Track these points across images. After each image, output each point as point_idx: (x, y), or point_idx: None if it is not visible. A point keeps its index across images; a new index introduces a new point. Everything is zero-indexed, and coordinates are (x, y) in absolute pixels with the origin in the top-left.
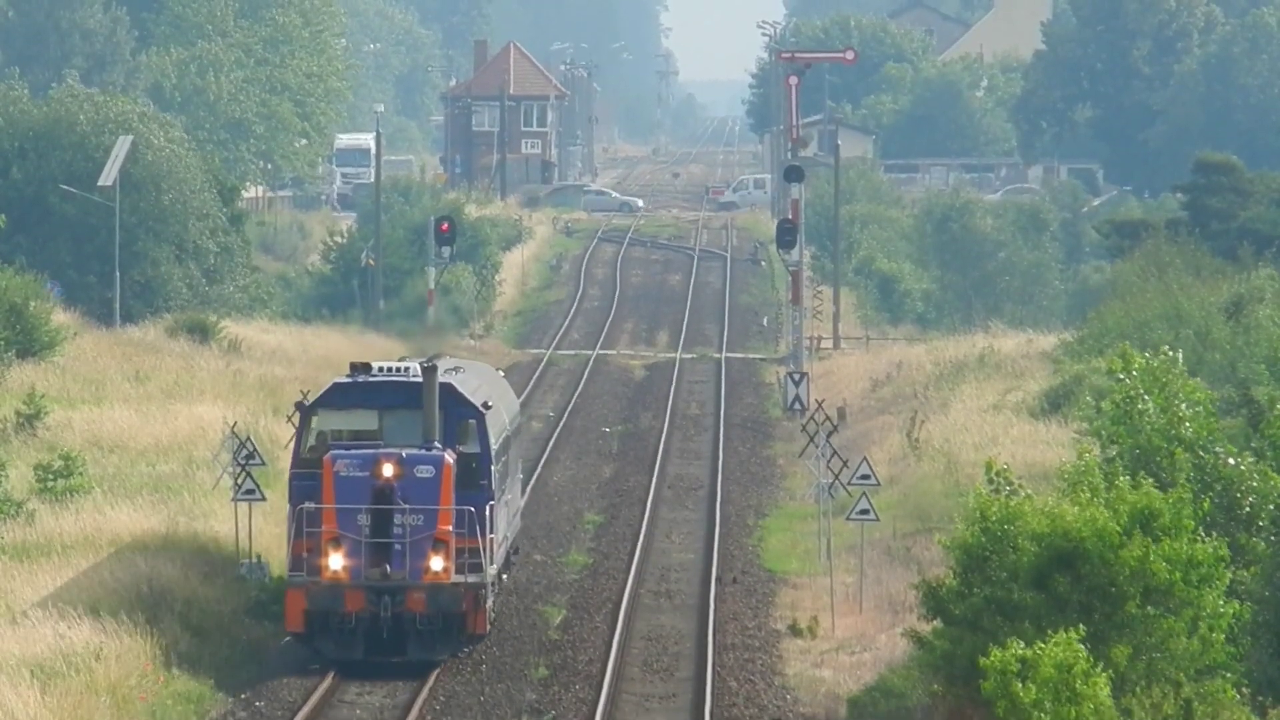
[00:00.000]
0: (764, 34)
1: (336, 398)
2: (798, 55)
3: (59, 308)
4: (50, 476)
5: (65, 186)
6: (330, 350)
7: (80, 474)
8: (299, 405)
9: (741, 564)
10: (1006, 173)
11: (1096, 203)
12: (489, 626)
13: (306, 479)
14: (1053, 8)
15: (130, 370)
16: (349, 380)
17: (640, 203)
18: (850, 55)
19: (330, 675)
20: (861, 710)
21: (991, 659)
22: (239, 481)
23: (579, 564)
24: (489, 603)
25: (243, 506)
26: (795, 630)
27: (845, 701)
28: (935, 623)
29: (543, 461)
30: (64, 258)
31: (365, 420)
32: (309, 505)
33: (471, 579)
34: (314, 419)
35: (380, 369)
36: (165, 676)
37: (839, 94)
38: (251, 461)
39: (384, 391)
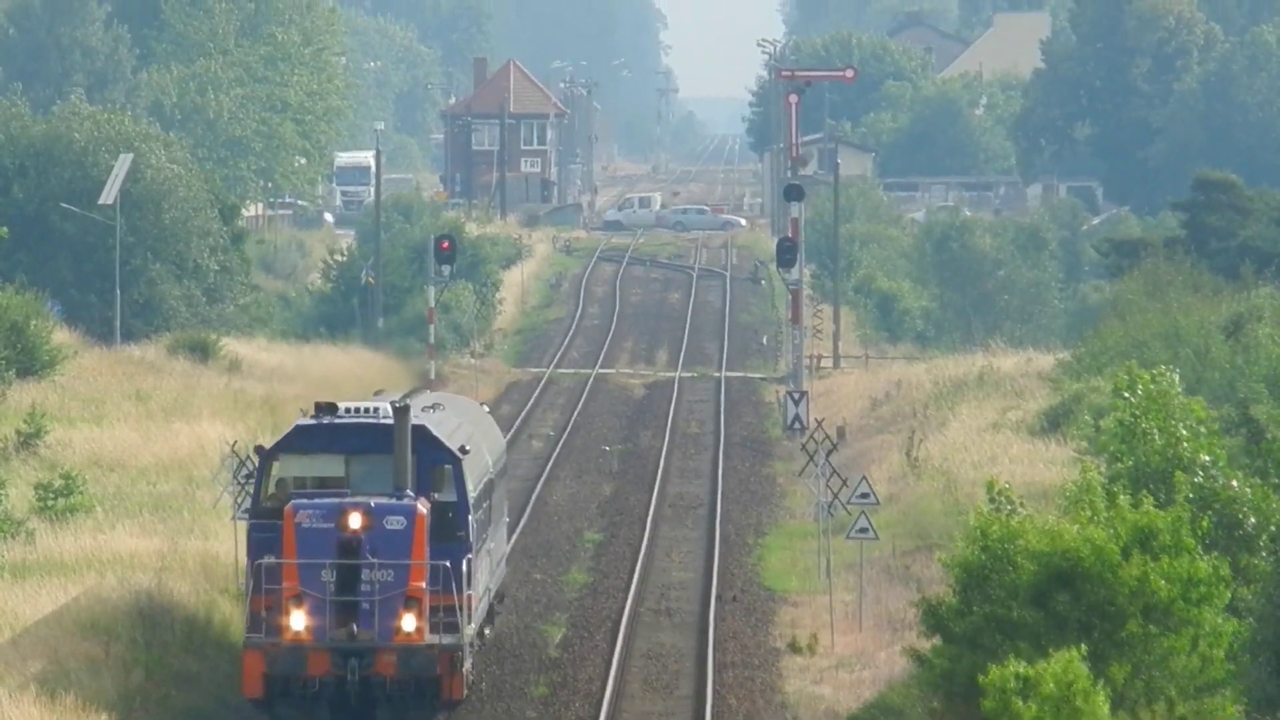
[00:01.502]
0: (764, 52)
1: (299, 441)
2: (797, 73)
3: (59, 326)
4: (50, 495)
5: (65, 204)
6: (330, 369)
7: (80, 493)
8: (258, 449)
9: (741, 582)
10: (1005, 190)
11: (1096, 221)
12: (465, 691)
13: (266, 530)
14: (1051, 25)
15: (130, 389)
16: (313, 422)
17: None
18: (850, 73)
19: None
20: None
21: (991, 677)
22: (238, 500)
23: (579, 582)
24: (466, 665)
25: (242, 525)
26: (795, 648)
27: (845, 719)
28: (935, 640)
29: (542, 480)
30: (64, 276)
31: (331, 466)
32: (269, 560)
33: (447, 640)
34: (274, 465)
35: (347, 409)
36: (165, 694)
37: (838, 112)
38: (251, 480)
39: (351, 434)
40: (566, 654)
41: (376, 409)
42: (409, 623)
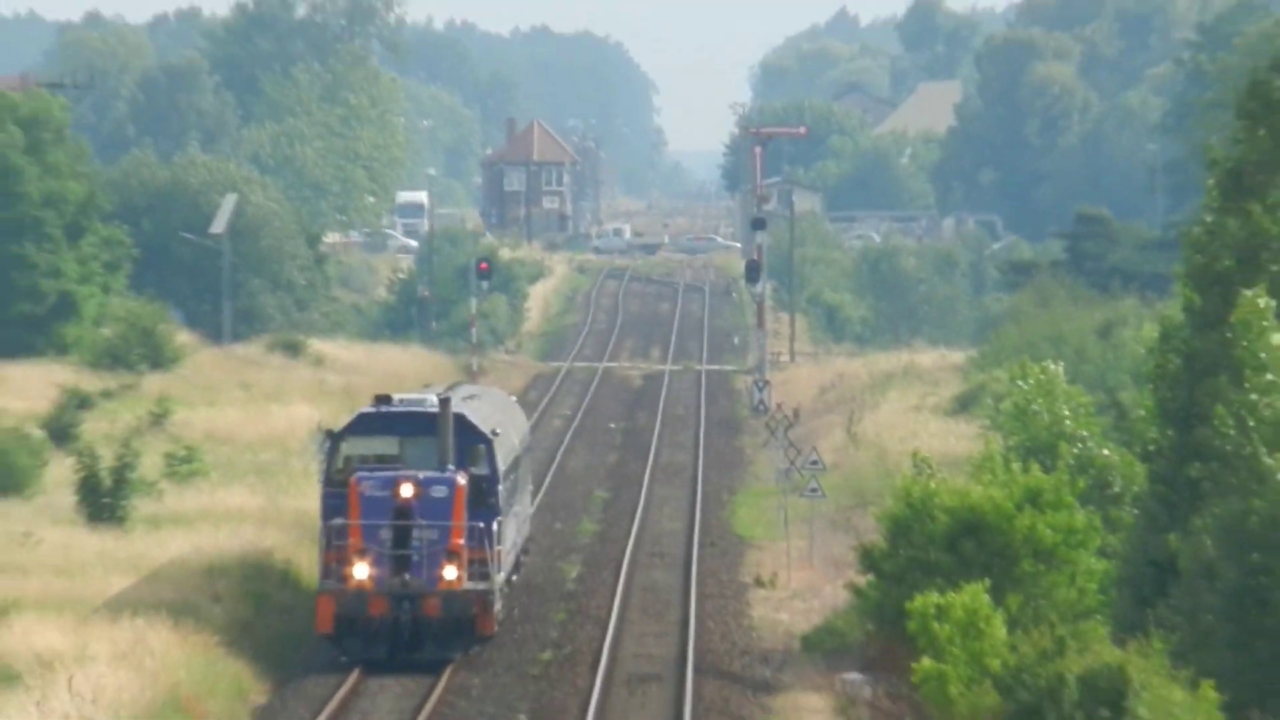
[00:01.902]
0: (735, 113)
1: (362, 426)
2: (761, 130)
3: (180, 330)
4: (176, 463)
5: (184, 234)
6: (393, 363)
7: (199, 461)
8: (329, 432)
9: (717, 531)
10: (926, 223)
11: (996, 246)
12: (496, 628)
13: (335, 497)
14: (962, 92)
15: (236, 379)
16: (373, 410)
17: (629, 232)
18: (802, 130)
19: (355, 672)
20: (811, 645)
21: (914, 605)
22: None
23: (590, 531)
24: (496, 606)
25: None
26: (759, 583)
27: (799, 638)
28: (869, 577)
29: (561, 450)
30: (184, 290)
31: (387, 446)
32: (337, 521)
33: (481, 586)
34: (343, 444)
35: (400, 400)
36: (266, 622)
37: (794, 160)
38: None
39: (404, 421)
40: (580, 587)
41: (424, 400)
42: (450, 572)
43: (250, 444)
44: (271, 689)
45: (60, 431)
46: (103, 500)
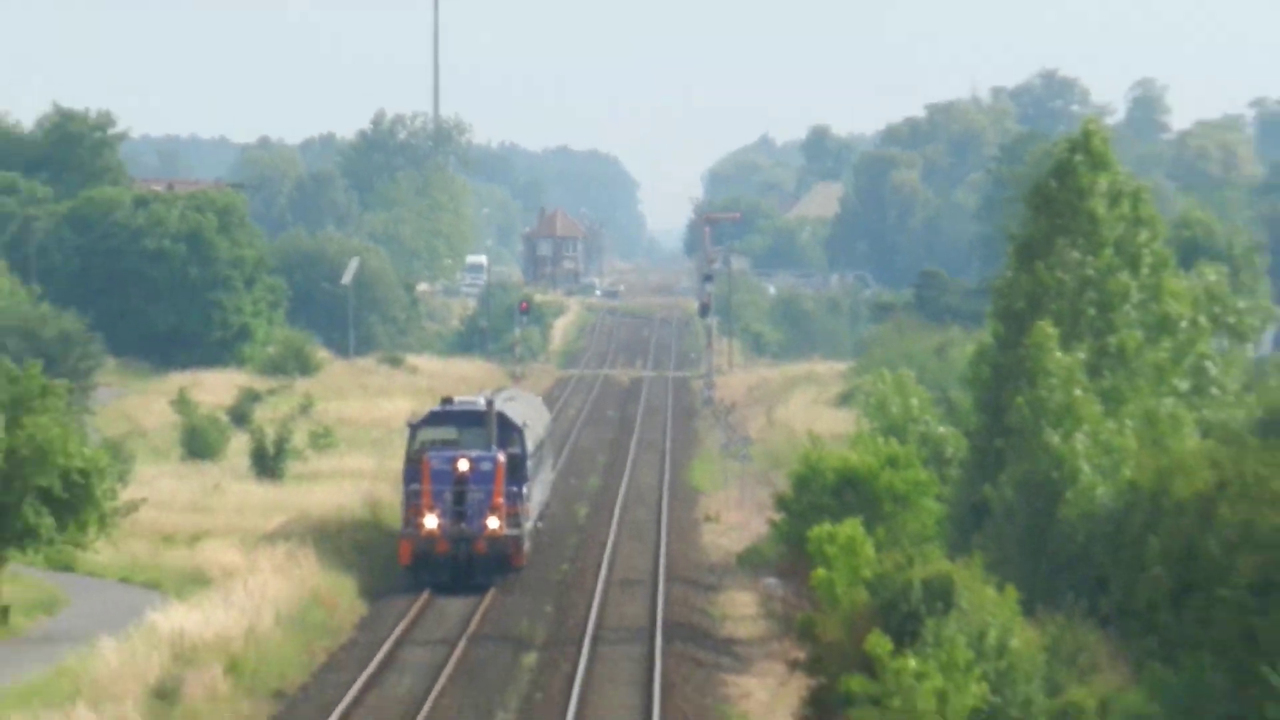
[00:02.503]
0: (692, 204)
1: (431, 419)
2: (709, 216)
3: (320, 349)
4: (317, 438)
5: (324, 284)
6: (464, 372)
7: (332, 437)
8: (410, 424)
9: (679, 484)
10: (819, 277)
11: (867, 293)
12: (525, 561)
13: (413, 469)
14: (843, 189)
15: (358, 382)
16: (440, 409)
17: (622, 287)
18: (737, 215)
19: (426, 592)
20: (743, 561)
21: (812, 534)
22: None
23: (595, 485)
24: (526, 546)
25: None
26: (708, 519)
27: (734, 556)
28: (782, 515)
29: (575, 430)
30: (322, 322)
31: (449, 433)
32: (414, 485)
33: (515, 532)
34: (419, 432)
35: (459, 401)
36: (378, 551)
37: (731, 235)
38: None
39: (461, 416)
40: (588, 521)
41: (475, 401)
42: (493, 522)
43: (366, 426)
44: (370, 602)
45: (239, 416)
46: (267, 463)
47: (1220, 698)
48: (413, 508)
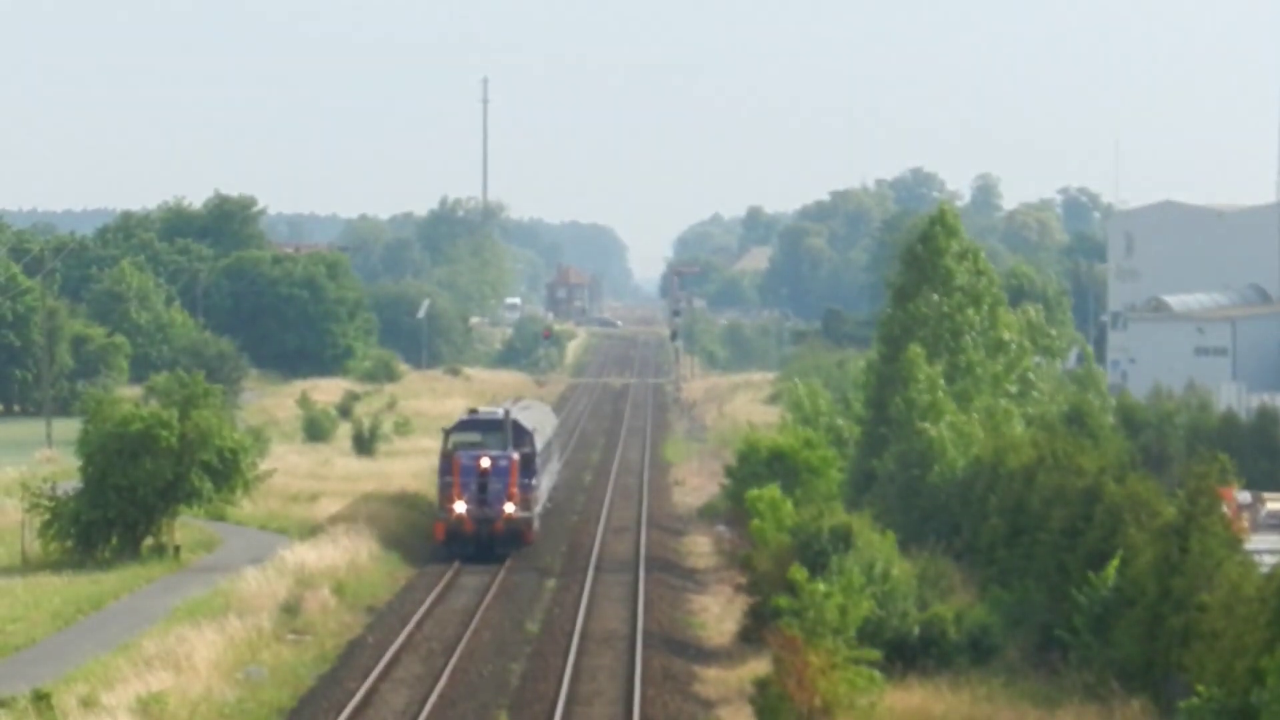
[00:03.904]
0: (665, 261)
1: (461, 426)
2: (677, 269)
3: (402, 363)
4: (399, 426)
5: (406, 317)
6: (503, 380)
7: (410, 426)
8: (445, 430)
9: (656, 457)
10: (755, 312)
11: (788, 324)
12: (534, 538)
13: (446, 465)
14: (772, 251)
15: (428, 387)
16: (467, 417)
17: (620, 322)
18: (697, 269)
19: (456, 562)
20: (702, 513)
21: (750, 494)
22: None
23: (595, 459)
24: (535, 526)
25: None
26: (676, 483)
27: (695, 510)
28: (728, 481)
29: (581, 421)
30: (403, 344)
31: (475, 437)
32: (447, 478)
33: (526, 515)
34: (451, 436)
35: (483, 411)
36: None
37: (693, 283)
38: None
39: (484, 423)
40: (591, 485)
41: (496, 411)
42: (509, 507)
43: (434, 417)
44: (437, 546)
45: (344, 410)
46: (363, 443)
47: (1040, 610)
48: (446, 496)
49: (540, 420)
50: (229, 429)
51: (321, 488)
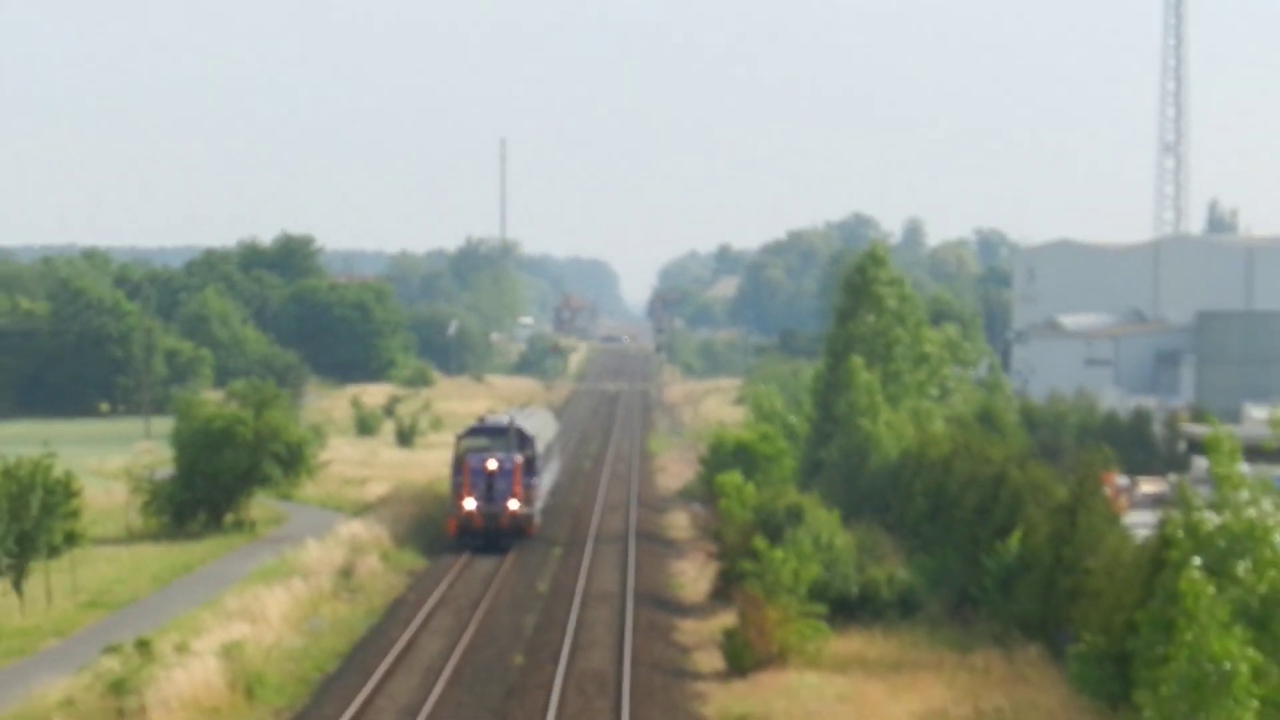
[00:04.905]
0: (651, 289)
1: (471, 432)
2: (661, 296)
3: (435, 372)
4: (434, 423)
5: (437, 336)
6: (518, 386)
7: (442, 422)
8: (457, 435)
9: (643, 450)
10: (725, 331)
11: (752, 341)
12: (536, 532)
13: (457, 467)
14: (739, 282)
15: (457, 391)
16: (477, 425)
17: (625, 337)
18: (678, 296)
19: (467, 553)
20: (681, 495)
21: (719, 479)
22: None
23: (594, 450)
24: (536, 521)
25: None
26: (660, 470)
27: (675, 491)
28: (702, 468)
29: (584, 418)
30: (436, 356)
31: (483, 442)
32: (458, 479)
33: (528, 511)
34: (461, 441)
35: (490, 420)
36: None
37: (674, 307)
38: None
39: (491, 430)
40: (592, 470)
41: (502, 418)
42: (513, 504)
43: (462, 416)
44: (430, 557)
45: (388, 410)
46: (405, 437)
47: (956, 573)
48: (457, 494)
49: (541, 425)
50: (294, 426)
51: (370, 474)
